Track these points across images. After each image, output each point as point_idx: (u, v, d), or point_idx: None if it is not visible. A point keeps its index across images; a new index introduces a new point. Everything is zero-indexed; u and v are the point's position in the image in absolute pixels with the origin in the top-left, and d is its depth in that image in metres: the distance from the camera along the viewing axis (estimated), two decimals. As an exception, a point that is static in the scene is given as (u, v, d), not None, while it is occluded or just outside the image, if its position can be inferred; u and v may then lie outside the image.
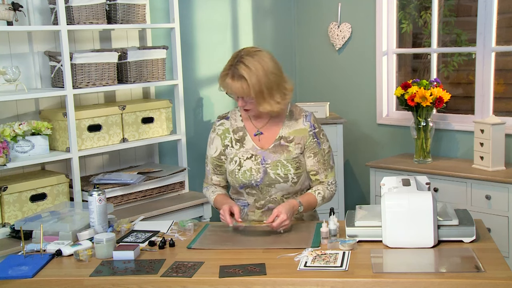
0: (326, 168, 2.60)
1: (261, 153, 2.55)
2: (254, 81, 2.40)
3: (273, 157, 2.53)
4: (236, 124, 2.62)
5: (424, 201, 2.18)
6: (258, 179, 2.52)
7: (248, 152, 2.56)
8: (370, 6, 4.51)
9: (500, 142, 3.70)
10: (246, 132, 2.60)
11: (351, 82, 4.73)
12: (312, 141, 2.57)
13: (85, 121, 3.41)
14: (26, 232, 2.59)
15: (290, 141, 2.56)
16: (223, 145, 2.62)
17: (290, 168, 2.52)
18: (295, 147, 2.55)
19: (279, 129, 2.58)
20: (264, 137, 2.58)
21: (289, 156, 2.54)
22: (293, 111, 2.62)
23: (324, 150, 2.60)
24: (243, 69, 2.40)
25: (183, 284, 2.04)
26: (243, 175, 2.54)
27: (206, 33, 4.38)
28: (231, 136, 2.61)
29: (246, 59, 2.42)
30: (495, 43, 3.95)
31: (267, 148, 2.56)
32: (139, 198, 3.58)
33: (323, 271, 2.04)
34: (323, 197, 2.59)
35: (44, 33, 3.45)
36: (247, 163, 2.54)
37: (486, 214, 3.55)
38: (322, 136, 2.61)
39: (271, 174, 2.52)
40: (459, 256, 2.11)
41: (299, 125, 2.58)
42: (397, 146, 4.49)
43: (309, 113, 2.62)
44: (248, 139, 2.58)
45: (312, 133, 2.57)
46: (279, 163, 2.52)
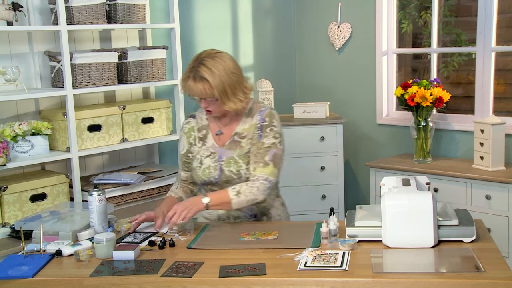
0: (257, 161, 2.54)
1: (218, 151, 2.62)
2: (217, 81, 2.45)
3: (228, 154, 2.60)
4: (201, 122, 2.70)
5: (424, 201, 2.18)
6: (216, 176, 2.60)
7: (208, 150, 2.64)
8: (370, 6, 4.51)
9: (500, 142, 3.70)
10: (209, 130, 2.67)
11: (351, 82, 4.73)
12: (255, 133, 2.58)
13: (85, 121, 3.41)
14: (26, 232, 2.59)
15: (243, 137, 2.60)
16: (188, 143, 2.70)
17: (242, 164, 2.57)
18: (247, 142, 2.59)
19: (236, 126, 2.63)
20: (223, 136, 2.64)
21: (241, 152, 2.58)
22: (252, 108, 2.64)
23: (263, 144, 2.56)
24: (204, 71, 2.45)
25: (183, 284, 2.04)
26: (203, 172, 2.62)
27: (206, 33, 4.38)
28: (195, 134, 2.69)
29: (206, 61, 2.47)
30: (495, 43, 3.95)
31: (223, 145, 2.62)
32: (139, 198, 3.58)
33: (323, 271, 2.04)
34: (238, 192, 2.49)
35: (44, 33, 3.45)
36: (207, 161, 2.62)
37: (486, 214, 3.55)
38: (268, 131, 2.58)
39: (226, 171, 2.58)
40: (459, 256, 2.10)
41: (253, 121, 2.61)
42: (397, 146, 4.49)
43: (266, 108, 2.63)
44: (210, 137, 2.66)
45: (258, 126, 2.59)
46: (232, 160, 2.58)
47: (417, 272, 1.99)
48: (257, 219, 2.70)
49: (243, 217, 2.68)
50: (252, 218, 2.69)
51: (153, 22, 3.93)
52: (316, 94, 4.92)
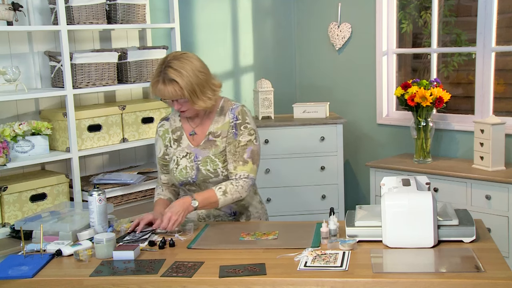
0: (237, 160, 2.59)
1: (194, 151, 2.64)
2: (186, 81, 2.48)
3: (203, 153, 2.62)
4: (175, 124, 2.72)
5: (424, 201, 2.18)
6: (193, 176, 2.62)
7: (183, 151, 2.66)
8: (370, 6, 4.51)
9: (500, 142, 3.70)
10: (183, 131, 2.70)
11: (351, 82, 4.73)
12: (230, 132, 2.63)
13: (85, 121, 3.41)
14: (26, 232, 2.59)
15: (218, 136, 2.64)
16: (164, 145, 2.73)
17: (218, 162, 2.60)
18: (222, 141, 2.63)
19: (210, 125, 2.65)
20: (197, 136, 2.67)
21: (217, 151, 2.61)
22: (224, 106, 2.68)
23: (240, 142, 2.60)
24: (172, 73, 2.47)
25: (183, 284, 2.04)
26: (179, 173, 2.64)
27: (206, 33, 4.38)
28: (170, 136, 2.71)
29: (173, 63, 2.49)
30: (495, 43, 3.95)
31: (198, 145, 2.64)
32: (139, 198, 3.58)
33: (323, 271, 2.04)
34: (224, 191, 2.53)
35: (44, 33, 3.45)
36: (183, 162, 2.64)
37: (486, 214, 3.55)
38: (242, 129, 2.62)
39: (203, 170, 2.61)
40: (459, 256, 2.10)
41: (226, 119, 2.65)
42: (397, 146, 4.49)
43: (237, 106, 2.66)
44: (184, 138, 2.68)
45: (232, 124, 2.63)
46: (208, 159, 2.61)
47: (417, 272, 1.99)
48: (236, 217, 2.72)
49: (223, 215, 2.70)
50: (231, 217, 2.72)
51: (153, 22, 3.93)
52: (316, 94, 4.92)
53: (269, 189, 4.21)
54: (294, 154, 4.24)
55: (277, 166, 4.23)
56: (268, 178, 4.23)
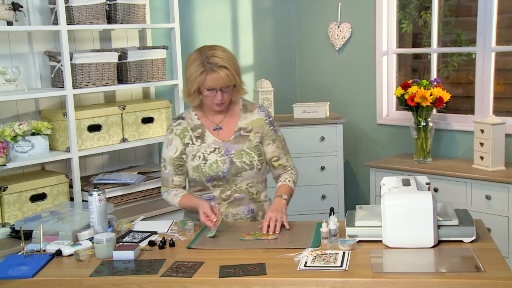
0: (286, 152, 2.80)
1: (223, 145, 2.66)
2: (233, 67, 2.56)
3: (236, 147, 2.66)
4: (193, 122, 2.72)
5: (424, 201, 2.18)
6: (225, 169, 2.62)
7: (210, 146, 2.66)
8: (370, 6, 4.51)
9: (500, 142, 3.70)
10: (204, 128, 2.70)
11: (351, 82, 4.73)
12: (269, 129, 2.74)
13: (85, 121, 3.41)
14: (26, 232, 2.59)
15: (249, 131, 2.70)
16: (183, 144, 2.69)
17: (254, 155, 2.66)
18: (254, 136, 2.70)
19: (237, 121, 2.71)
20: (223, 131, 2.70)
21: (251, 145, 2.68)
22: (246, 104, 2.77)
23: (280, 137, 2.78)
24: (219, 60, 2.53)
25: (183, 284, 2.04)
26: (209, 168, 2.63)
27: (206, 33, 4.38)
28: (191, 134, 2.69)
29: (215, 53, 2.55)
30: (495, 43, 3.95)
31: (228, 140, 2.67)
32: (139, 198, 3.58)
33: (323, 271, 2.04)
34: (294, 182, 2.77)
35: (44, 33, 3.45)
36: (212, 156, 2.64)
37: (486, 214, 3.55)
38: (276, 124, 2.79)
39: (237, 162, 2.63)
40: (459, 256, 2.11)
41: (254, 116, 2.73)
42: (397, 146, 4.49)
43: (262, 105, 2.81)
44: (208, 135, 2.69)
45: (268, 122, 2.74)
46: (243, 152, 2.65)
47: (417, 272, 1.99)
48: (254, 215, 2.73)
49: (241, 213, 2.70)
50: (250, 214, 2.72)
51: (153, 22, 3.93)
52: (316, 94, 4.92)
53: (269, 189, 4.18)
54: (294, 154, 4.18)
55: (277, 166, 4.23)
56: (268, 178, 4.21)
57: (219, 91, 2.56)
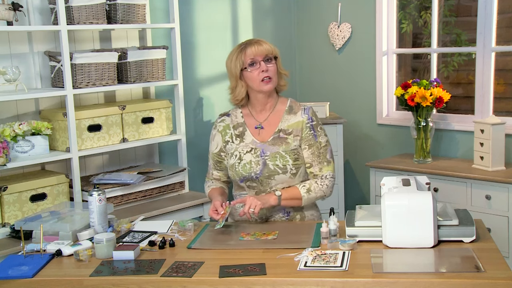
0: (321, 161, 2.64)
1: (260, 146, 2.62)
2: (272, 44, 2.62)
3: (272, 149, 2.60)
4: (236, 120, 2.70)
5: (424, 201, 2.18)
6: (258, 171, 2.58)
7: (247, 146, 2.63)
8: (370, 6, 4.51)
9: (500, 142, 3.70)
10: (246, 127, 2.67)
11: (351, 82, 4.73)
12: (308, 133, 2.63)
13: (85, 121, 3.41)
14: (26, 232, 2.59)
15: (289, 134, 2.63)
16: (223, 141, 2.69)
17: (289, 159, 2.58)
18: (293, 139, 2.62)
19: (279, 122, 2.64)
20: (264, 131, 2.65)
21: (288, 148, 2.60)
22: (292, 105, 2.70)
23: (321, 143, 2.64)
24: (256, 39, 2.62)
25: (183, 284, 2.04)
26: (243, 168, 2.60)
27: (206, 33, 4.38)
28: (232, 132, 2.68)
29: (251, 40, 2.63)
30: (495, 43, 3.95)
31: (266, 141, 2.62)
32: (139, 198, 3.58)
33: (323, 271, 2.04)
34: (308, 189, 2.59)
35: (44, 33, 3.45)
36: (247, 157, 2.61)
37: (486, 214, 3.55)
38: (319, 130, 2.66)
39: (270, 165, 2.57)
40: (459, 256, 2.11)
41: (297, 118, 2.65)
42: (397, 146, 4.49)
43: (308, 107, 2.70)
44: (248, 134, 2.66)
45: (309, 125, 2.64)
46: (278, 155, 2.59)
47: (417, 272, 1.99)
48: (290, 218, 2.66)
49: (276, 215, 2.65)
50: (285, 217, 2.66)
51: (153, 22, 3.92)
52: (316, 94, 4.92)
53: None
54: (294, 154, 4.23)
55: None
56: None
57: (261, 62, 2.57)
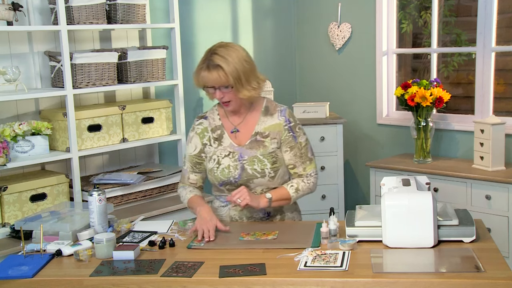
0: (304, 161, 2.63)
1: (238, 150, 2.59)
2: (231, 68, 2.46)
3: (250, 153, 2.58)
4: (214, 123, 2.67)
5: (424, 201, 2.18)
6: (236, 175, 2.57)
7: (226, 150, 2.61)
8: (370, 6, 4.51)
9: (500, 142, 3.70)
10: (223, 130, 2.64)
11: (351, 82, 4.73)
12: (288, 135, 2.60)
13: (85, 121, 3.41)
14: (26, 232, 2.59)
15: (266, 136, 2.59)
16: (202, 143, 2.66)
17: (267, 163, 2.56)
18: (271, 142, 2.59)
19: (255, 125, 2.61)
20: (240, 134, 2.62)
21: (265, 151, 2.58)
22: (269, 106, 2.65)
23: (301, 144, 2.62)
24: (218, 59, 2.46)
25: (183, 284, 2.04)
26: (221, 172, 2.58)
27: (206, 33, 4.38)
28: (210, 135, 2.66)
29: (219, 51, 2.49)
30: (495, 43, 3.95)
31: (244, 144, 2.60)
32: (139, 198, 3.58)
33: (323, 271, 2.04)
34: (297, 189, 2.61)
35: (44, 33, 3.45)
36: (225, 161, 2.59)
37: (486, 214, 3.55)
38: (298, 130, 2.63)
39: (248, 169, 2.56)
40: (459, 256, 2.10)
41: (274, 120, 2.61)
42: (397, 146, 4.49)
43: (284, 108, 2.65)
44: (226, 137, 2.63)
45: (287, 127, 2.60)
46: (256, 159, 2.57)
47: (417, 272, 1.99)
48: (270, 218, 2.67)
49: (256, 216, 2.65)
50: (265, 217, 2.66)
51: (153, 22, 3.92)
52: (316, 94, 4.92)
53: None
54: (294, 154, 4.23)
55: (277, 166, 4.23)
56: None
57: (217, 90, 2.50)
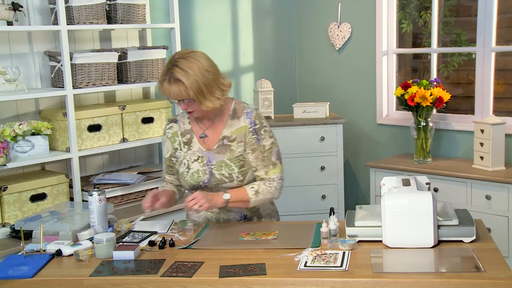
0: (266, 164, 2.58)
1: (206, 155, 2.59)
2: (191, 81, 2.42)
3: (217, 157, 2.57)
4: (184, 127, 2.67)
5: (424, 201, 2.18)
6: (205, 180, 2.57)
7: (195, 154, 2.61)
8: (370, 6, 4.51)
9: (500, 142, 3.70)
10: (193, 134, 2.64)
11: (351, 82, 4.73)
12: (251, 138, 2.57)
13: (85, 121, 3.41)
14: (26, 232, 2.59)
15: (233, 140, 2.58)
16: (173, 148, 2.68)
17: (234, 167, 2.56)
18: (237, 145, 2.58)
19: (223, 129, 2.60)
20: (208, 138, 2.62)
21: (232, 156, 2.57)
22: (236, 109, 2.62)
23: (265, 147, 2.58)
24: (178, 72, 2.42)
25: (183, 284, 2.04)
26: (191, 177, 2.59)
27: (206, 33, 4.38)
28: (180, 139, 2.66)
29: (180, 62, 2.44)
30: (495, 43, 3.95)
31: (212, 149, 2.60)
32: (139, 198, 3.58)
33: (323, 271, 2.04)
34: (257, 191, 2.54)
35: (44, 33, 3.45)
36: (194, 165, 2.59)
37: (486, 214, 3.55)
38: (263, 133, 2.59)
39: (216, 174, 2.56)
40: (459, 256, 2.10)
41: (240, 123, 2.59)
42: (397, 146, 4.49)
43: (251, 110, 2.62)
44: (195, 141, 2.63)
45: (252, 130, 2.58)
46: (223, 163, 2.56)
47: (417, 272, 1.99)
48: (248, 219, 2.68)
49: (233, 219, 2.67)
50: (242, 219, 2.68)
51: (153, 22, 3.93)
52: (316, 94, 4.92)
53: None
54: (294, 154, 4.24)
55: (277, 166, 4.23)
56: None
57: (181, 101, 2.49)
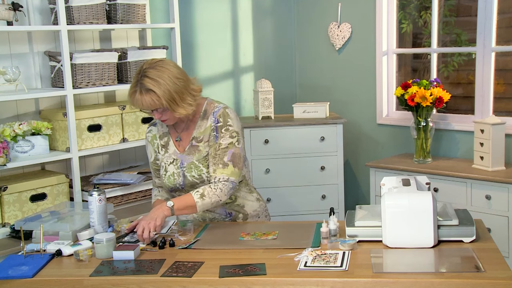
0: (216, 163, 2.53)
1: (180, 157, 2.61)
2: (163, 90, 2.41)
3: (188, 159, 2.59)
4: (162, 129, 2.69)
5: (424, 201, 2.18)
6: (181, 182, 2.59)
7: (170, 157, 2.63)
8: (370, 6, 4.51)
9: (500, 142, 3.70)
10: (170, 137, 2.66)
11: (351, 82, 4.73)
12: (211, 135, 2.57)
13: (85, 121, 3.41)
14: (26, 232, 2.59)
15: (200, 141, 2.59)
16: (154, 151, 2.70)
17: (202, 168, 2.56)
18: (204, 145, 2.58)
19: (193, 130, 2.61)
20: (182, 141, 2.64)
21: (200, 156, 2.57)
22: (207, 109, 2.62)
23: (220, 145, 2.54)
24: (149, 82, 2.41)
25: (183, 284, 2.04)
26: (168, 179, 2.61)
27: (206, 33, 4.38)
28: (158, 142, 2.68)
29: (149, 72, 2.43)
30: (495, 43, 3.95)
31: (184, 151, 2.61)
32: (139, 198, 3.58)
33: (323, 271, 2.04)
34: (202, 194, 2.47)
35: (44, 33, 3.45)
36: (170, 168, 2.62)
37: (486, 214, 3.55)
38: (223, 131, 2.55)
39: (188, 176, 2.57)
40: (459, 256, 2.11)
41: (208, 123, 2.59)
42: (397, 146, 4.49)
43: (219, 108, 2.60)
44: (171, 144, 2.65)
45: (213, 127, 2.57)
46: (192, 165, 2.57)
47: (417, 272, 1.99)
48: (233, 218, 2.69)
49: (219, 217, 2.68)
50: (228, 218, 2.69)
51: (153, 22, 3.93)
52: (316, 94, 4.92)
53: (269, 189, 4.21)
54: (294, 154, 4.24)
55: (277, 166, 4.23)
56: (268, 178, 4.23)
57: (154, 111, 2.49)
